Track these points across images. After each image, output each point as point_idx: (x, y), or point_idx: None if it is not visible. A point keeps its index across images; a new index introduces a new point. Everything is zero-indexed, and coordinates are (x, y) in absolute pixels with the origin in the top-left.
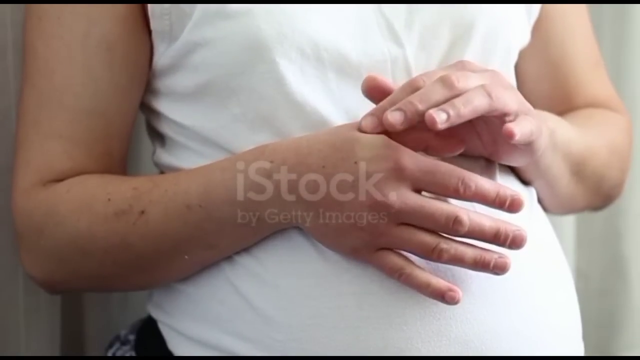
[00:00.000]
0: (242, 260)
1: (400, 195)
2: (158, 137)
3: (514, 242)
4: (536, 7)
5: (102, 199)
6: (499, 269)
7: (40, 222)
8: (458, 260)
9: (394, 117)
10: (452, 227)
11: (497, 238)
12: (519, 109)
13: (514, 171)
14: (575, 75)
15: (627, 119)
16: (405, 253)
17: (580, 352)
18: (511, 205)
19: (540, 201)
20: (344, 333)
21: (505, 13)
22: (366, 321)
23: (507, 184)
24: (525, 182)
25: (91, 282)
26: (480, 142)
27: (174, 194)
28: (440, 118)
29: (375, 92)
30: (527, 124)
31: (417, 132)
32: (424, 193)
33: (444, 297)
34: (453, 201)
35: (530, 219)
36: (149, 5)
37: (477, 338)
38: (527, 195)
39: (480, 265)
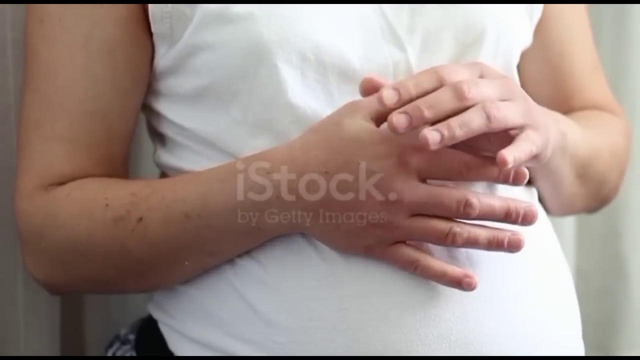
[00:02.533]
0: (243, 263)
1: (409, 187)
2: (159, 137)
3: (526, 219)
4: (538, 8)
5: (101, 204)
6: (513, 246)
7: (41, 226)
8: (472, 243)
9: (399, 121)
10: (463, 211)
11: (509, 216)
12: (524, 122)
13: None
14: (574, 78)
15: (625, 122)
16: (419, 245)
17: (581, 352)
18: (517, 180)
19: (540, 201)
20: (344, 335)
21: (507, 15)
22: (367, 323)
23: None
24: (527, 181)
25: (94, 285)
26: (488, 141)
27: (171, 201)
28: (434, 139)
29: (373, 93)
30: (527, 145)
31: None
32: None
33: (461, 283)
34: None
35: None
36: (150, 8)
37: (477, 340)
38: (528, 195)
39: (495, 244)
